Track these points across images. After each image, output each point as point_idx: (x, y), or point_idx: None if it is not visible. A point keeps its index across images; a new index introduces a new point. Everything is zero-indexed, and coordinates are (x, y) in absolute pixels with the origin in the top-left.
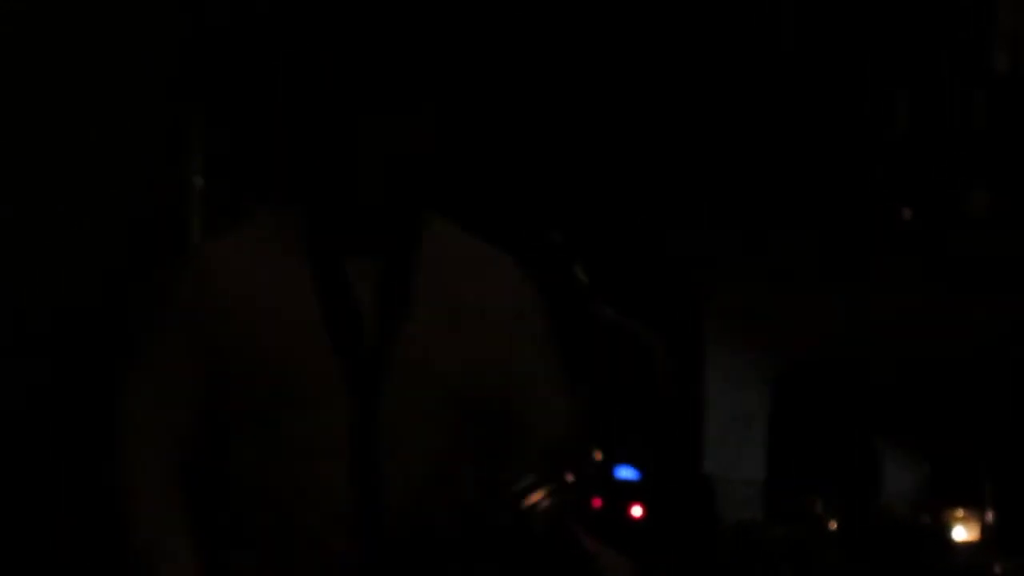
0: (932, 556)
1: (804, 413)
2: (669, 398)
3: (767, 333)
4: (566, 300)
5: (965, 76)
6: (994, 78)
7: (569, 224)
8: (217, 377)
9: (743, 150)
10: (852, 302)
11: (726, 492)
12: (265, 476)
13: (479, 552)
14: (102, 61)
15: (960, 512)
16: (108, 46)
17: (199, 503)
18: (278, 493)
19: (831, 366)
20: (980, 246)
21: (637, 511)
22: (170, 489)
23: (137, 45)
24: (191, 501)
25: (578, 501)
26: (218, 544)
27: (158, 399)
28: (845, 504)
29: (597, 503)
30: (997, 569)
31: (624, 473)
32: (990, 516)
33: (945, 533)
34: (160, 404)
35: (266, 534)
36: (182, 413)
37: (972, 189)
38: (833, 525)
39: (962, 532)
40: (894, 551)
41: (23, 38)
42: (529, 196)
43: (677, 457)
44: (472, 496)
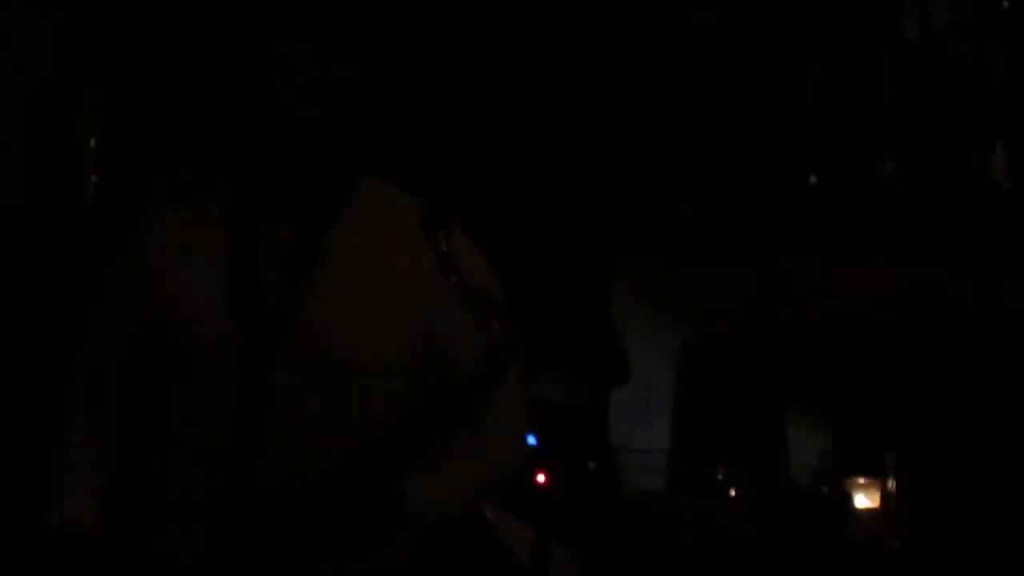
0: (833, 524)
1: (708, 383)
2: (502, 357)
3: (672, 302)
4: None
5: (875, 44)
6: (904, 47)
7: (456, 187)
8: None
9: (652, 114)
10: (759, 272)
11: (629, 461)
12: (162, 446)
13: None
14: None
15: (861, 480)
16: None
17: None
18: (169, 464)
19: (736, 336)
20: (889, 217)
21: (540, 478)
22: (92, 443)
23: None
24: (121, 465)
25: None
26: (134, 511)
27: (93, 371)
28: (748, 473)
29: None
30: (898, 535)
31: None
32: (892, 484)
33: (846, 501)
34: (95, 374)
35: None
36: (111, 383)
37: (881, 159)
38: (735, 493)
39: (863, 500)
40: (795, 519)
41: None
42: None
43: (580, 425)
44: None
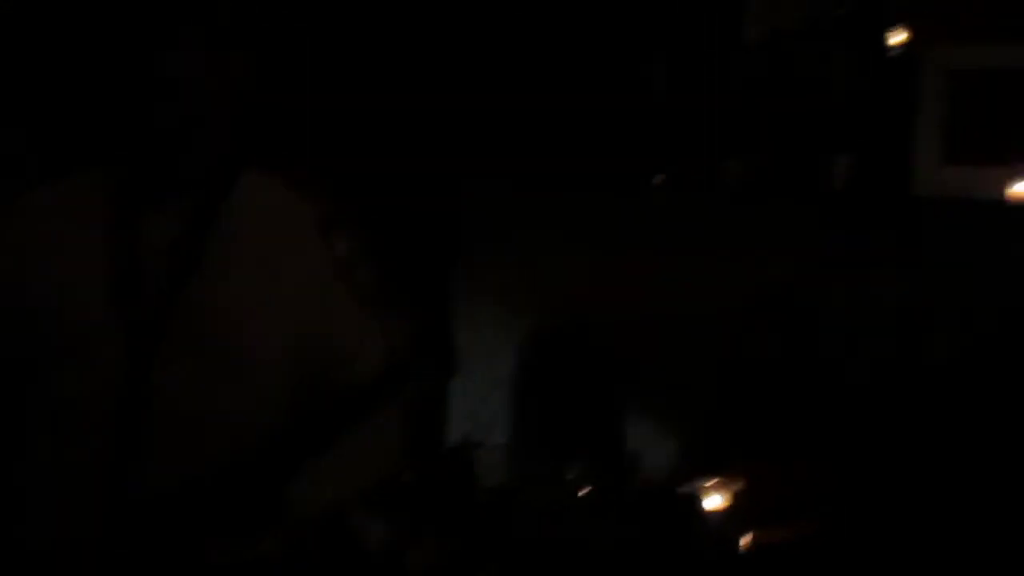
0: (682, 523)
1: (552, 377)
2: (401, 366)
3: (520, 296)
4: None
5: (721, 43)
6: (747, 46)
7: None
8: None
9: (500, 108)
10: (605, 265)
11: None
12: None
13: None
14: None
15: (711, 480)
16: None
17: None
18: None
19: (582, 329)
20: (732, 214)
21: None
22: None
23: None
24: None
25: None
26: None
27: None
28: (596, 470)
29: None
30: (747, 534)
31: None
32: (740, 484)
33: (695, 501)
34: None
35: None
36: None
37: (726, 158)
38: (584, 491)
39: (714, 500)
40: (645, 518)
41: None
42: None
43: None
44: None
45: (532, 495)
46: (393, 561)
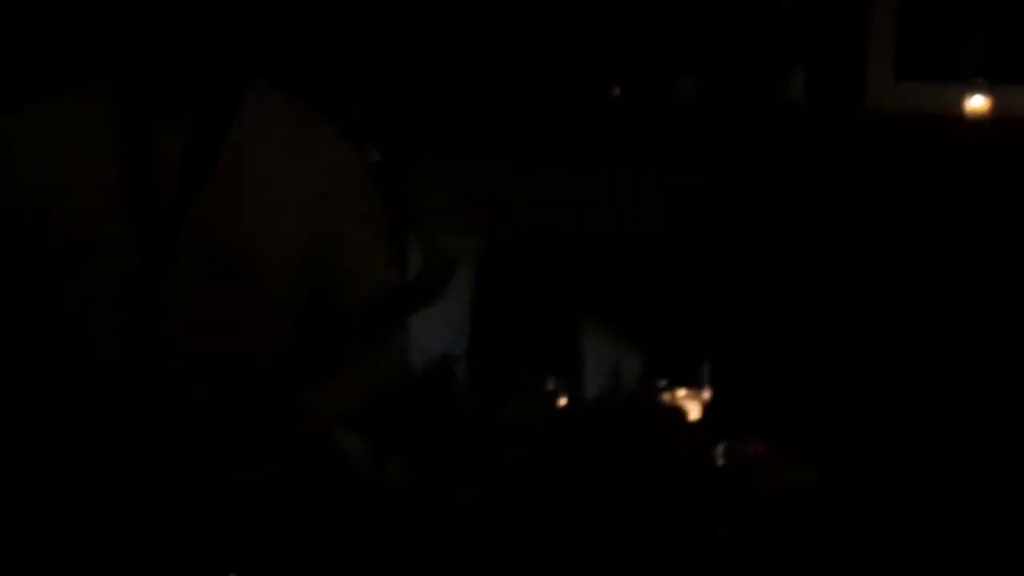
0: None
1: (507, 295)
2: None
3: (474, 211)
4: None
5: None
6: None
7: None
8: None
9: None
10: (563, 181)
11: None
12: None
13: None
14: None
15: (680, 392)
16: None
17: None
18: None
19: (538, 247)
20: (690, 130)
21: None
22: None
23: None
24: None
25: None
26: None
27: None
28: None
29: None
30: (718, 447)
31: None
32: (708, 395)
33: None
34: None
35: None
36: None
37: (681, 75)
38: (563, 403)
39: (687, 410)
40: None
41: None
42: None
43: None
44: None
45: (516, 410)
46: (377, 479)
